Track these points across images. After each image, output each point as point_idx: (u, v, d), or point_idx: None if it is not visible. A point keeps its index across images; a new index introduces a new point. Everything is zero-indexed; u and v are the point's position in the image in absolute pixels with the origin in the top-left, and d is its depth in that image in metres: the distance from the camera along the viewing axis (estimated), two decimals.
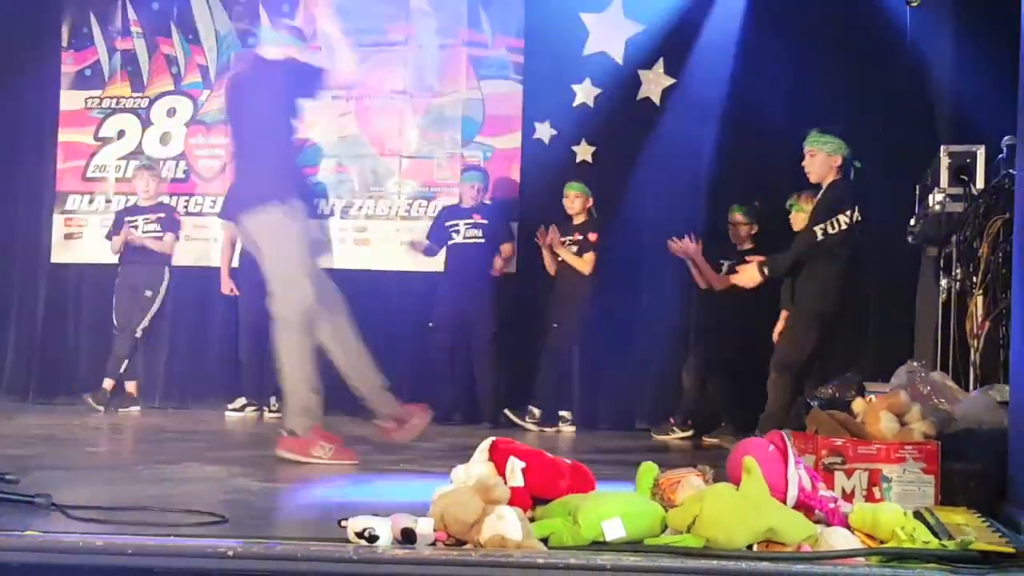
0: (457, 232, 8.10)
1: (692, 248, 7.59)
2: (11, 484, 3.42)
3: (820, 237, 6.06)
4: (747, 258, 6.92)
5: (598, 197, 8.00)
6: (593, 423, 8.06)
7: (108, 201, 8.93)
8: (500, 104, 8.55)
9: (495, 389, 8.02)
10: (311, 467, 4.98)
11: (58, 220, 9.04)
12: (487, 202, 8.24)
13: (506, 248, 8.19)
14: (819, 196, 6.25)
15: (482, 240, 8.07)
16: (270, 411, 8.09)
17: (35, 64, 9.08)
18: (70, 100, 9.11)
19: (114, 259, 8.54)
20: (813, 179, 6.29)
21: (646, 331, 8.13)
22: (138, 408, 8.38)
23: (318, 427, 5.21)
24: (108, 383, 8.32)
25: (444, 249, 8.16)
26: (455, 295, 8.03)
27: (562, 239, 7.89)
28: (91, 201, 9.01)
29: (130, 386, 8.47)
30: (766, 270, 6.27)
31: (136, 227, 8.40)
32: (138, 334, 8.41)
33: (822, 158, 6.17)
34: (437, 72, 8.64)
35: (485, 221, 8.07)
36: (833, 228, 6.06)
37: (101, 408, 8.15)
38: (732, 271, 6.91)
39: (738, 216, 7.51)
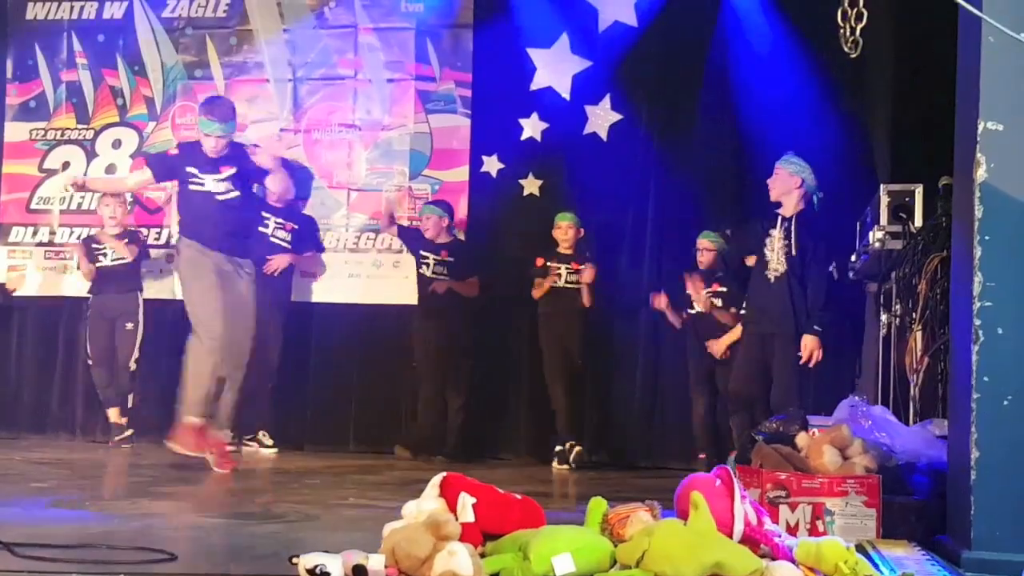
0: (427, 265, 8.08)
1: (663, 302, 7.67)
2: None
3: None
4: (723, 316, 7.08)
5: (545, 231, 8.03)
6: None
7: (52, 233, 8.85)
8: (448, 138, 8.57)
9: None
10: (264, 503, 5.03)
11: (1, 252, 8.96)
12: (461, 238, 8.27)
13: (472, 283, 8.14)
14: (792, 230, 6.35)
15: (446, 277, 8.05)
16: (262, 446, 7.97)
17: None
18: (14, 132, 9.03)
19: (55, 291, 8.48)
20: (773, 196, 6.44)
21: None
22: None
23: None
24: (113, 413, 8.18)
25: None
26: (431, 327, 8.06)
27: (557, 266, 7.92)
28: (35, 233, 8.93)
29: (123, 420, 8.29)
30: (816, 327, 6.30)
31: (105, 255, 8.29)
32: (132, 367, 8.23)
33: (784, 176, 6.39)
34: (385, 106, 8.67)
35: (451, 259, 8.06)
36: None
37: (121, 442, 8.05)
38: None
39: (706, 243, 7.53)
